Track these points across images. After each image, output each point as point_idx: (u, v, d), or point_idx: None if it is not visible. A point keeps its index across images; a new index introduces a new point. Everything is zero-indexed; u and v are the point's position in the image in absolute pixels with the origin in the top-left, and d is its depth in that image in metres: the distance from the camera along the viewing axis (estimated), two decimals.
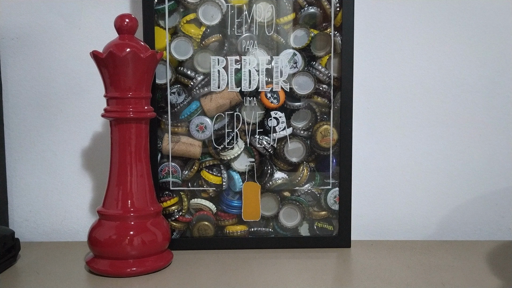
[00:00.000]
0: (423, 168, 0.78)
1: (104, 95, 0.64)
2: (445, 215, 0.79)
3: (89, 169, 0.78)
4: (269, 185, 0.73)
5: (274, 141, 0.73)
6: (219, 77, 0.72)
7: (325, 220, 0.74)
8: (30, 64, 0.76)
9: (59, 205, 0.78)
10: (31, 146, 0.77)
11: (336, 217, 0.74)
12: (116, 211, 0.64)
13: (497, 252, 0.71)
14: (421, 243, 0.76)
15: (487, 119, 0.78)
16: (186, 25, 0.71)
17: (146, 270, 0.63)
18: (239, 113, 0.72)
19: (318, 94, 0.72)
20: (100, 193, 0.66)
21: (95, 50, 0.62)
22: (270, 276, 0.62)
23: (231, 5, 0.71)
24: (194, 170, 0.72)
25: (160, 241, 0.65)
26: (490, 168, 0.79)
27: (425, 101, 0.78)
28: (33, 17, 0.76)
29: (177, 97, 0.72)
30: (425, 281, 0.61)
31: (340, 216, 0.73)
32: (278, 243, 0.73)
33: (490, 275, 0.63)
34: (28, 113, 0.77)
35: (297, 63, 0.72)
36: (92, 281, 0.61)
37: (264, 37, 0.72)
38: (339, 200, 0.73)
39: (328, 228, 0.74)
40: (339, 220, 0.73)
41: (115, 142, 0.64)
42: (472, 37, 0.77)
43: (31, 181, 0.78)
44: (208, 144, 0.72)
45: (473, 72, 0.77)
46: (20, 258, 0.68)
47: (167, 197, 0.72)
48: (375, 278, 0.62)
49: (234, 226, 0.73)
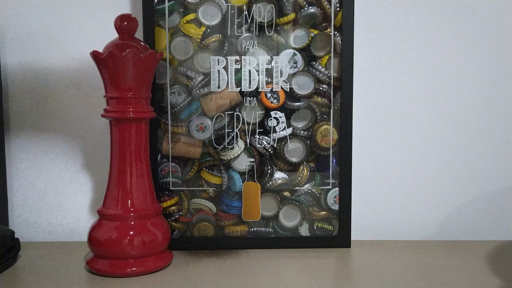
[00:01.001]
0: (423, 168, 0.78)
1: (104, 95, 0.64)
2: (445, 215, 0.79)
3: (89, 169, 0.78)
4: (269, 185, 0.73)
5: (274, 141, 0.73)
6: (219, 77, 0.72)
7: (325, 220, 0.74)
8: (30, 64, 0.76)
9: (59, 205, 0.78)
10: (31, 146, 0.77)
11: (336, 217, 0.74)
12: (116, 211, 0.64)
13: (497, 252, 0.71)
14: (421, 243, 0.76)
15: (487, 119, 0.78)
16: (186, 25, 0.71)
17: (146, 270, 0.63)
18: (239, 113, 0.72)
19: (318, 94, 0.72)
20: (100, 193, 0.66)
21: (95, 50, 0.62)
22: (270, 276, 0.62)
23: (231, 5, 0.71)
24: (194, 170, 0.72)
25: (160, 241, 0.65)
26: (490, 168, 0.79)
27: (425, 101, 0.78)
28: (33, 17, 0.76)
29: (177, 97, 0.72)
30: (425, 281, 0.61)
31: (340, 216, 0.73)
32: (278, 243, 0.73)
33: (490, 275, 0.63)
34: (28, 113, 0.77)
35: (297, 63, 0.72)
36: (92, 281, 0.61)
37: (264, 37, 0.72)
38: (339, 200, 0.73)
39: (328, 228, 0.74)
40: (339, 220, 0.73)
41: (115, 142, 0.64)
42: (473, 37, 0.77)
43: (31, 181, 0.78)
44: (208, 144, 0.72)
45: (473, 72, 0.77)
46: (20, 258, 0.68)
47: (167, 197, 0.72)
48: (375, 278, 0.62)
49: (234, 226, 0.73)
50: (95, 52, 0.62)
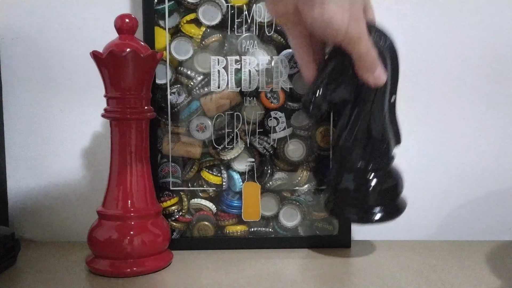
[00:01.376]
0: (423, 168, 0.78)
1: (104, 95, 0.64)
2: (445, 215, 0.79)
3: (89, 169, 0.78)
4: (269, 185, 0.73)
5: (274, 141, 0.73)
6: (219, 77, 0.72)
7: (325, 220, 0.74)
8: (30, 64, 0.76)
9: (59, 205, 0.78)
10: (31, 146, 0.77)
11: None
12: (116, 211, 0.64)
13: (497, 252, 0.71)
14: (421, 243, 0.76)
15: (487, 119, 0.78)
16: (186, 25, 0.71)
17: (146, 270, 0.63)
18: (239, 113, 0.72)
19: None
20: (100, 193, 0.66)
21: (95, 50, 0.62)
22: (270, 276, 0.62)
23: (231, 5, 0.71)
24: (194, 170, 0.72)
25: (160, 241, 0.65)
26: (490, 168, 0.79)
27: (424, 100, 0.78)
28: (33, 17, 0.76)
29: (177, 97, 0.72)
30: (425, 281, 0.61)
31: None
32: (278, 243, 0.73)
33: (490, 275, 0.63)
34: (28, 113, 0.77)
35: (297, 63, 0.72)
36: (92, 281, 0.61)
37: (264, 37, 0.72)
38: None
39: (328, 228, 0.74)
40: (339, 220, 0.73)
41: (115, 142, 0.64)
42: (475, 37, 0.77)
43: (31, 181, 0.78)
44: (208, 144, 0.72)
45: (473, 72, 0.77)
46: (20, 258, 0.68)
47: (167, 197, 0.72)
48: (375, 278, 0.62)
49: (234, 226, 0.73)
50: (95, 52, 0.62)
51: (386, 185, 0.62)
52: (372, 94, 0.59)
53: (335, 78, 0.57)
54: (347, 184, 0.62)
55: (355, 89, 0.59)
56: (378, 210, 0.62)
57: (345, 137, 0.61)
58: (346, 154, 0.62)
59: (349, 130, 0.61)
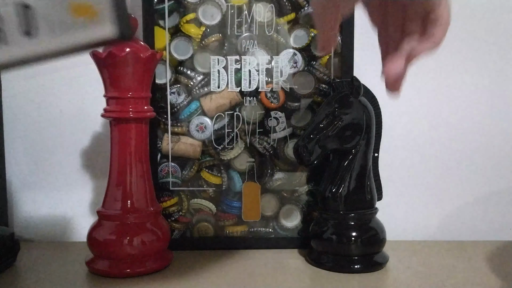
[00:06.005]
0: (423, 168, 0.78)
1: (104, 95, 0.64)
2: (445, 215, 0.79)
3: (89, 169, 0.78)
4: (269, 185, 0.73)
5: (274, 141, 0.73)
6: (219, 77, 0.71)
7: None
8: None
9: (59, 205, 0.78)
10: (31, 146, 0.77)
11: None
12: (116, 211, 0.64)
13: (497, 252, 0.71)
14: (421, 243, 0.76)
15: (487, 119, 0.78)
16: (186, 25, 0.71)
17: (146, 270, 0.63)
18: (239, 113, 0.72)
19: (318, 94, 0.72)
20: (100, 193, 0.66)
21: (95, 50, 0.62)
22: (270, 276, 0.62)
23: (231, 5, 0.71)
24: (194, 170, 0.72)
25: (160, 241, 0.65)
26: (490, 168, 0.78)
27: (424, 100, 0.78)
28: None
29: (177, 97, 0.72)
30: (425, 281, 0.61)
31: None
32: (278, 243, 0.73)
33: (490, 275, 0.63)
34: (28, 113, 0.77)
35: (297, 63, 0.72)
36: (91, 281, 0.61)
37: (264, 37, 0.72)
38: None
39: None
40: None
41: (115, 142, 0.64)
42: (475, 38, 0.77)
43: (31, 181, 0.78)
44: (208, 144, 0.72)
45: (474, 72, 0.77)
46: (20, 258, 0.68)
47: (167, 197, 0.72)
48: (374, 278, 0.62)
49: (234, 226, 0.73)
50: (95, 52, 0.62)
51: (366, 235, 0.65)
52: (359, 146, 0.65)
53: (326, 131, 0.63)
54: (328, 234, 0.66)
55: (345, 140, 0.64)
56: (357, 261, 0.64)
57: (331, 189, 0.66)
58: (331, 204, 0.66)
59: (336, 182, 0.66)
